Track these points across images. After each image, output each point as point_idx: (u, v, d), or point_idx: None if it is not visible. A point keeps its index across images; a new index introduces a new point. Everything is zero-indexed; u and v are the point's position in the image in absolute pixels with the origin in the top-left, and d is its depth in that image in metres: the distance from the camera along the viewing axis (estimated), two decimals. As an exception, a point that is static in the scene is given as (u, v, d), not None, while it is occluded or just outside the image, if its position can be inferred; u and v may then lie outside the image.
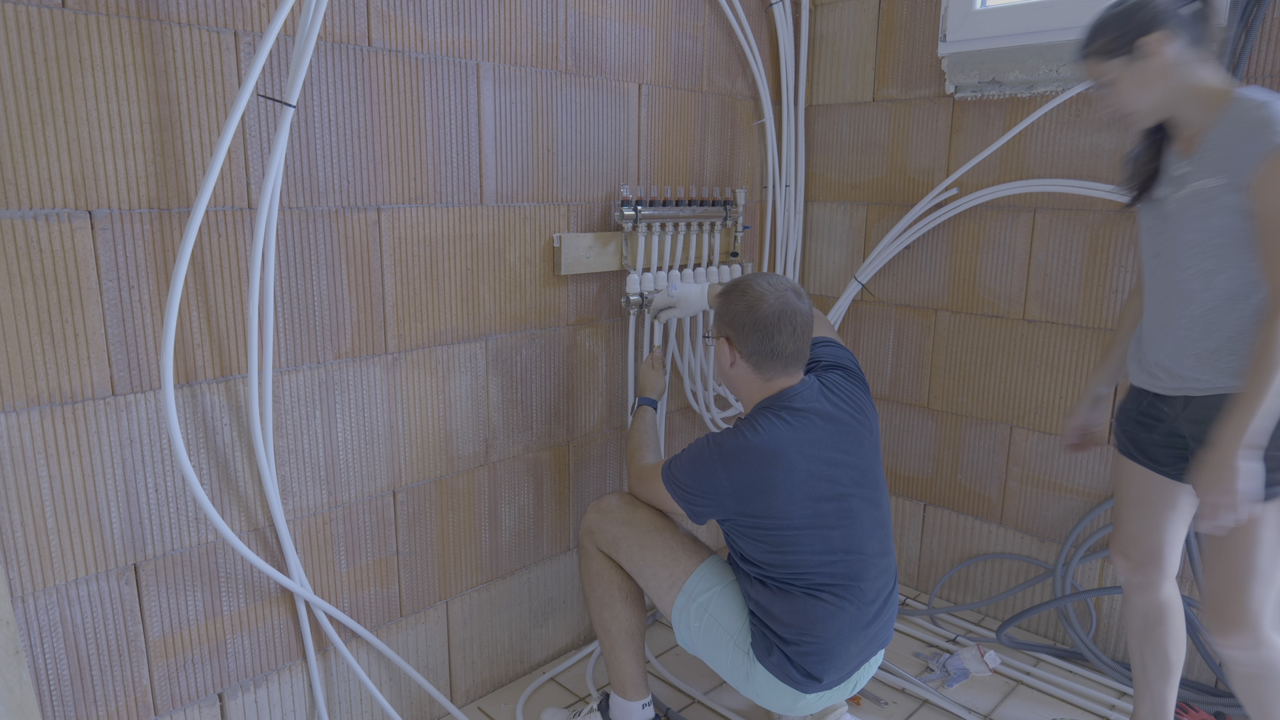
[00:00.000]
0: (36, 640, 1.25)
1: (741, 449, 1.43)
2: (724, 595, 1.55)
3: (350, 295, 1.54)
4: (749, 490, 1.44)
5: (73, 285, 1.21)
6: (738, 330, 1.50)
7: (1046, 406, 2.10)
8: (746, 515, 1.47)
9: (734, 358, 1.53)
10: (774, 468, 1.42)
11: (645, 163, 2.04)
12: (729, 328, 1.52)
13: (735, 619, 1.54)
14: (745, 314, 1.48)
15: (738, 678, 1.56)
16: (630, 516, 1.63)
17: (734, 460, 1.44)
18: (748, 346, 1.49)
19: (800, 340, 1.49)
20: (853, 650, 1.52)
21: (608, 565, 1.65)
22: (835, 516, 1.48)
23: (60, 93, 1.17)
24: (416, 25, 1.55)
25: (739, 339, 1.50)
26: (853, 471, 1.50)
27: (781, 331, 1.46)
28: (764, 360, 1.49)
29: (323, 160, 1.46)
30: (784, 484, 1.43)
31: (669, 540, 1.60)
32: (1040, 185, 1.99)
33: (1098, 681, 1.98)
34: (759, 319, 1.46)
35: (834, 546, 1.48)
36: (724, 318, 1.53)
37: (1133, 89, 1.34)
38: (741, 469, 1.43)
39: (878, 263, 2.31)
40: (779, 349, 1.47)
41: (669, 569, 1.58)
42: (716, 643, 1.55)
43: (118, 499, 1.30)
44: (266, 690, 1.54)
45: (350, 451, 1.59)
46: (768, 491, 1.43)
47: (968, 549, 2.31)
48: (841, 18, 2.34)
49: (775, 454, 1.42)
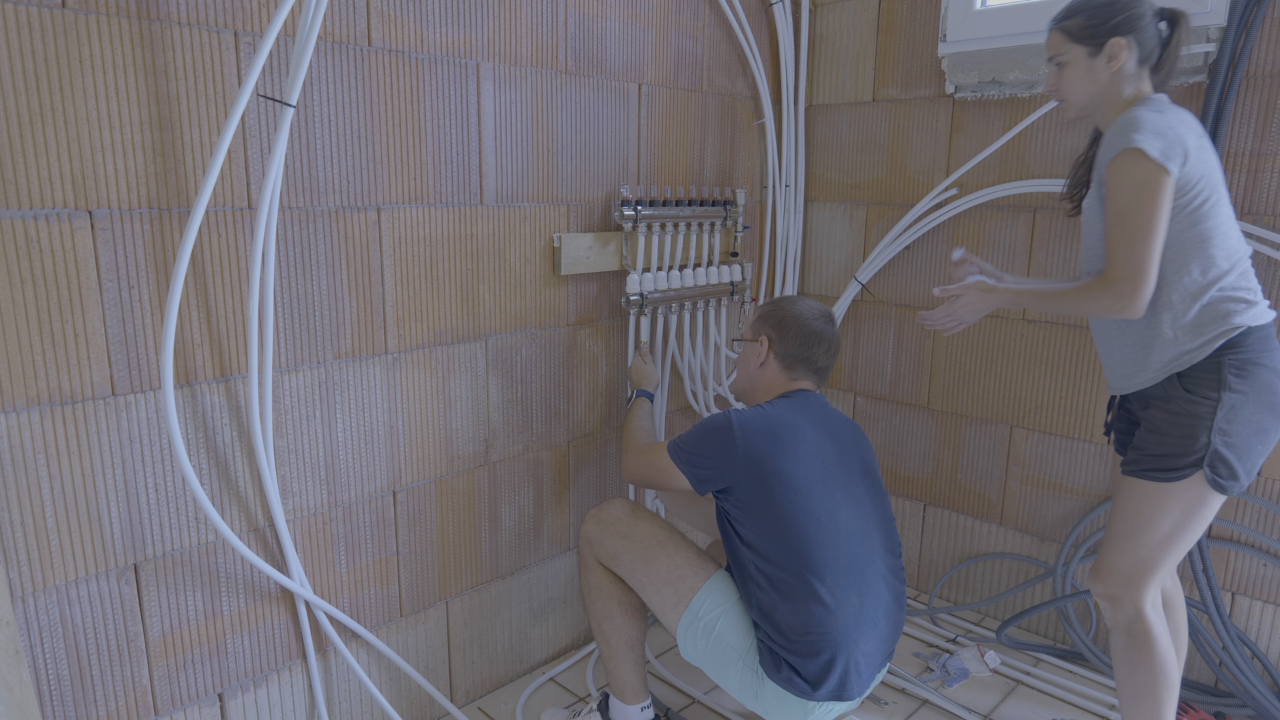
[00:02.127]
0: (36, 640, 1.25)
1: (757, 415, 1.52)
2: (730, 614, 1.51)
3: (350, 295, 1.54)
4: (760, 452, 1.46)
5: (73, 285, 1.21)
6: (782, 332, 1.63)
7: (1046, 406, 2.10)
8: (753, 481, 1.46)
9: (767, 358, 1.64)
10: (788, 432, 1.49)
11: (645, 163, 2.04)
12: (774, 330, 1.64)
13: (743, 637, 1.50)
14: (794, 321, 1.62)
15: (746, 695, 1.52)
16: (632, 530, 1.61)
17: (749, 424, 1.49)
18: (787, 349, 1.62)
19: (831, 358, 1.65)
20: (860, 651, 1.47)
21: (607, 579, 1.64)
22: (843, 490, 1.49)
23: (60, 93, 1.17)
24: (416, 25, 1.55)
25: (780, 340, 1.63)
26: (860, 464, 1.56)
27: (821, 344, 1.62)
28: (797, 363, 1.62)
29: (323, 160, 1.46)
30: (795, 448, 1.47)
31: (673, 556, 1.57)
32: (1040, 185, 2.00)
33: (1098, 681, 1.98)
34: (805, 328, 1.61)
35: (840, 527, 1.46)
36: (769, 321, 1.66)
37: (1078, 80, 1.44)
38: (755, 433, 1.48)
39: (878, 263, 2.31)
40: (814, 358, 1.62)
41: (673, 586, 1.55)
42: (724, 661, 1.52)
43: (118, 499, 1.30)
44: (266, 690, 1.54)
45: (350, 451, 1.59)
46: (779, 453, 1.46)
47: (968, 549, 2.31)
48: (841, 18, 2.34)
49: (790, 423, 1.51)
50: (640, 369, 1.94)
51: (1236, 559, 1.86)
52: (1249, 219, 1.75)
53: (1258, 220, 1.74)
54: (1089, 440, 2.03)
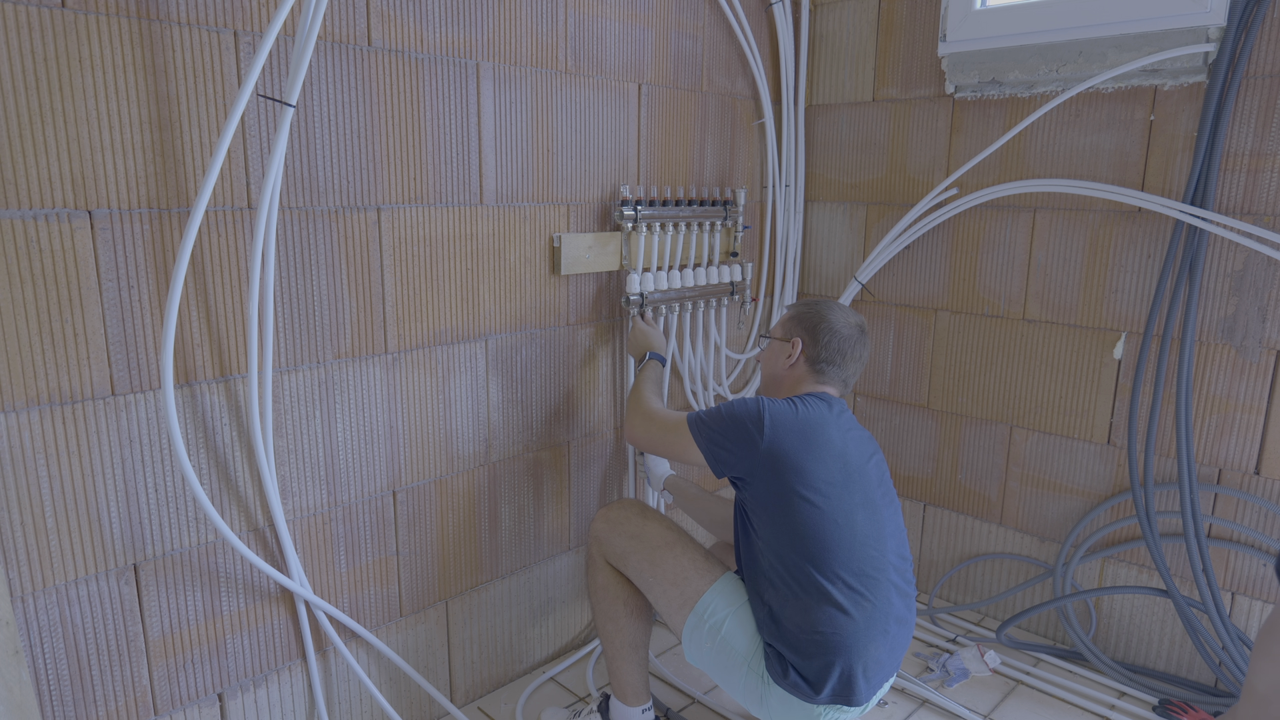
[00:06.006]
0: (36, 640, 1.25)
1: (789, 411, 1.50)
2: (736, 617, 1.50)
3: (350, 295, 1.54)
4: (786, 448, 1.45)
5: (72, 285, 1.21)
6: (815, 337, 1.62)
7: (1046, 406, 2.10)
8: (774, 474, 1.44)
9: (797, 359, 1.63)
10: (816, 432, 1.48)
11: (645, 162, 2.04)
12: (807, 334, 1.63)
13: (749, 642, 1.49)
14: (828, 330, 1.62)
15: (751, 700, 1.50)
16: (640, 530, 1.60)
17: (780, 418, 1.48)
18: (818, 353, 1.62)
19: (858, 367, 1.65)
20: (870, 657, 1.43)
21: (614, 578, 1.64)
22: (860, 495, 1.47)
23: (60, 93, 1.17)
24: (416, 25, 1.55)
25: (812, 345, 1.62)
26: (876, 472, 1.54)
27: (853, 351, 1.63)
28: (826, 367, 1.62)
29: (323, 160, 1.46)
30: (820, 448, 1.46)
31: (680, 558, 1.56)
32: (1040, 185, 1.99)
33: (1098, 681, 1.98)
34: (841, 340, 1.61)
35: (856, 531, 1.44)
36: (803, 323, 1.65)
37: None
38: (784, 427, 1.47)
39: (878, 263, 2.31)
40: (844, 369, 1.63)
41: (680, 588, 1.54)
42: (730, 666, 1.50)
43: (117, 499, 1.30)
44: (266, 690, 1.54)
45: (350, 451, 1.59)
46: (803, 450, 1.45)
47: (967, 549, 2.31)
48: (841, 18, 2.34)
49: (819, 422, 1.50)
50: (646, 334, 1.89)
51: (1236, 559, 1.86)
52: (1249, 219, 1.75)
53: (1258, 220, 1.74)
54: (1089, 440, 2.03)
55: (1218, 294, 1.81)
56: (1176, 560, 1.92)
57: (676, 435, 1.57)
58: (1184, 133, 1.81)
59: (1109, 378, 1.98)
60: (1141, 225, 1.90)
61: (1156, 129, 1.85)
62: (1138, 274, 1.91)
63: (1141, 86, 1.86)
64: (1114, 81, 1.88)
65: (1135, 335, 1.93)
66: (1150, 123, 1.86)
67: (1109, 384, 1.99)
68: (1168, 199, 1.81)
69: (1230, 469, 1.84)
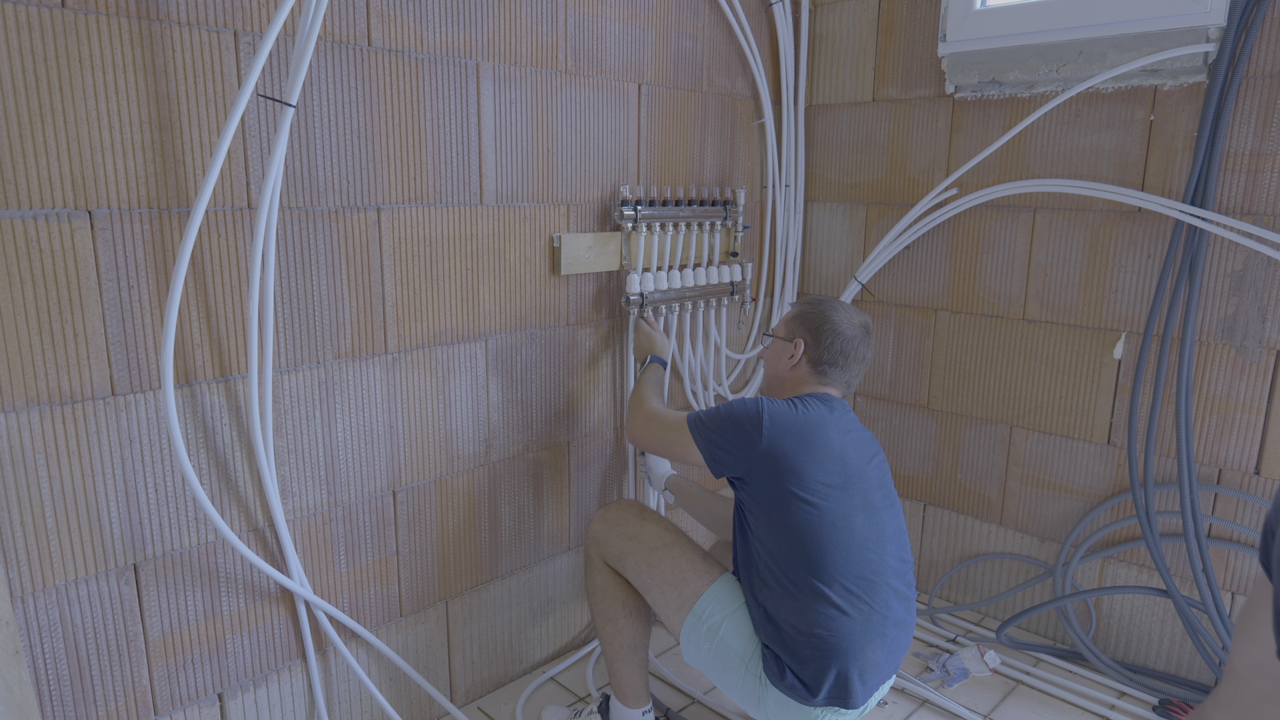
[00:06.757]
0: (36, 640, 1.25)
1: (789, 412, 1.49)
2: (734, 618, 1.50)
3: (350, 295, 1.54)
4: (784, 450, 1.44)
5: (72, 285, 1.21)
6: (817, 339, 1.61)
7: (1046, 406, 2.10)
8: (773, 475, 1.44)
9: (800, 360, 1.62)
10: (816, 434, 1.47)
11: (645, 162, 2.04)
12: (810, 334, 1.62)
13: (747, 643, 1.48)
14: (831, 331, 1.60)
15: (748, 701, 1.50)
16: (638, 530, 1.60)
17: (779, 419, 1.47)
18: (821, 355, 1.60)
19: (862, 368, 1.64)
20: (868, 660, 1.43)
21: (612, 579, 1.64)
22: (860, 498, 1.46)
23: (60, 93, 1.17)
24: (416, 25, 1.55)
25: (815, 346, 1.61)
26: (876, 474, 1.53)
27: (857, 353, 1.61)
28: (829, 368, 1.61)
29: (323, 160, 1.46)
30: (819, 450, 1.45)
31: (678, 558, 1.56)
32: (1040, 185, 1.99)
33: (1098, 681, 1.98)
34: (844, 342, 1.60)
35: (854, 534, 1.43)
36: (806, 323, 1.63)
37: None
38: (783, 428, 1.46)
39: (878, 263, 2.32)
40: (847, 371, 1.62)
41: (678, 589, 1.54)
42: (727, 667, 1.50)
43: (117, 499, 1.30)
44: (266, 690, 1.54)
45: (350, 451, 1.59)
46: (802, 453, 1.44)
47: (967, 549, 2.31)
48: (841, 18, 2.34)
49: (819, 424, 1.49)
50: (649, 336, 1.90)
51: (1236, 559, 1.86)
52: (1249, 219, 1.75)
53: (1258, 220, 1.74)
54: (1089, 440, 2.03)
55: (1218, 294, 1.81)
56: (1176, 560, 1.92)
57: (676, 435, 1.57)
58: (1184, 133, 1.81)
59: (1109, 378, 1.98)
60: (1141, 225, 1.90)
61: (1156, 129, 1.85)
62: (1138, 274, 1.91)
63: (1141, 86, 1.86)
64: (1114, 81, 1.88)
65: (1135, 335, 1.93)
66: (1150, 123, 1.86)
67: (1109, 384, 1.99)
68: (1168, 199, 1.81)
69: (1230, 469, 1.84)
